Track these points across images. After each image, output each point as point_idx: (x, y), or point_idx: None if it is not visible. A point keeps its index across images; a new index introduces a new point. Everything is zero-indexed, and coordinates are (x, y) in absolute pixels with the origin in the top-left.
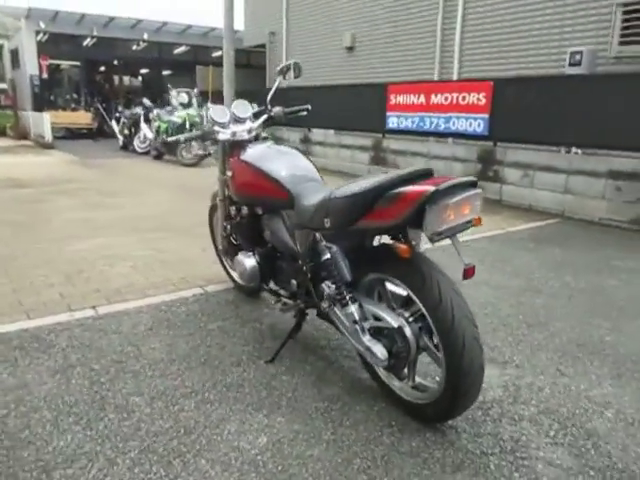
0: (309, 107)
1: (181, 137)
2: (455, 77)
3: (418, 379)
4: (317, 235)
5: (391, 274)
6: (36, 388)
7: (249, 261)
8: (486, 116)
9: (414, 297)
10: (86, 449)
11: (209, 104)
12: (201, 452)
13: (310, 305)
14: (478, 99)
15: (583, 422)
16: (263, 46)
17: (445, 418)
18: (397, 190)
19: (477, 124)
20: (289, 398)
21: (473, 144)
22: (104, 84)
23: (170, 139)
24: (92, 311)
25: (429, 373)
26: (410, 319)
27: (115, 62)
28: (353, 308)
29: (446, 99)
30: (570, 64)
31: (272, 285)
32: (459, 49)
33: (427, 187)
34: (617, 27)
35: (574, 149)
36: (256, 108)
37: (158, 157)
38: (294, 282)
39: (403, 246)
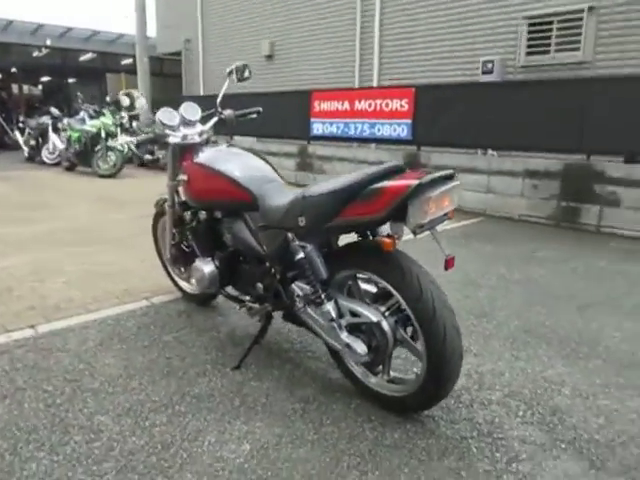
0: (260, 109)
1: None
2: (375, 84)
3: (393, 373)
4: (289, 235)
5: (368, 270)
6: None
7: (208, 267)
8: (409, 121)
9: (393, 291)
10: (56, 476)
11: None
12: (184, 466)
13: (279, 307)
14: (401, 105)
15: (545, 400)
16: (178, 54)
17: (425, 407)
18: (377, 185)
19: (401, 129)
20: (263, 403)
21: (397, 149)
22: (0, 93)
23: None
24: (31, 330)
25: (398, 367)
26: (386, 313)
27: (14, 69)
28: (329, 306)
29: (370, 105)
30: (483, 72)
31: (231, 290)
32: (378, 58)
33: (410, 181)
34: (523, 39)
35: (490, 151)
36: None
37: (70, 168)
38: (260, 285)
39: (387, 240)
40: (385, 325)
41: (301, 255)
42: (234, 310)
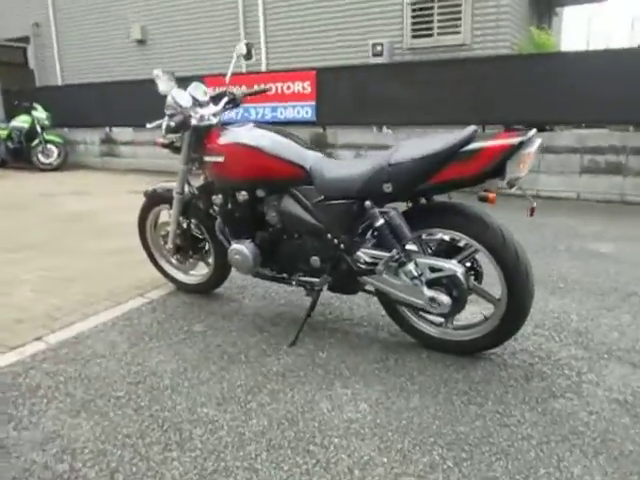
0: (270, 87)
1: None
2: (264, 68)
3: (455, 322)
4: (367, 203)
5: (450, 227)
6: (73, 433)
7: (249, 248)
8: (313, 103)
9: (475, 243)
10: (210, 468)
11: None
12: (323, 431)
13: (342, 277)
14: (303, 87)
15: (565, 327)
16: (26, 39)
17: (497, 345)
18: (474, 146)
19: (305, 111)
20: (345, 368)
21: (304, 130)
22: None
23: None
24: (40, 343)
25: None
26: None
27: None
28: (411, 266)
29: (270, 89)
30: (373, 54)
31: (265, 271)
32: (265, 43)
33: (511, 140)
34: (408, 23)
35: (385, 128)
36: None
37: (1, 165)
38: (316, 259)
39: (492, 194)
40: (462, 276)
41: (381, 221)
42: (240, 295)
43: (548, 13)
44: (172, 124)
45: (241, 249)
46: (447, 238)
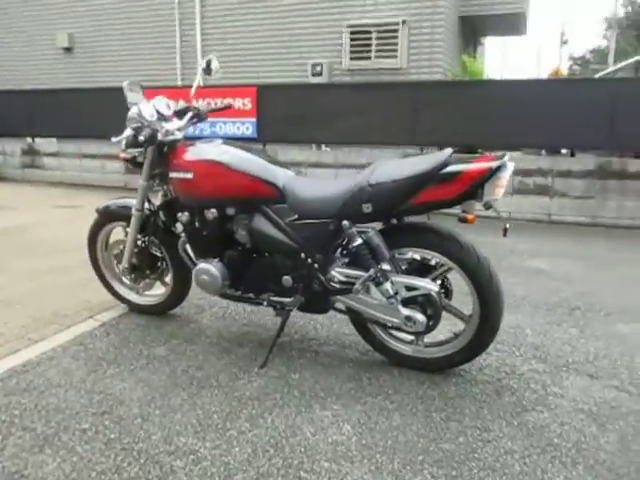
0: (231, 103)
1: (119, 138)
2: (201, 83)
3: (427, 340)
4: (345, 223)
5: (426, 247)
6: (39, 472)
7: (217, 267)
8: (254, 120)
9: (449, 262)
10: None
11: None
12: (312, 456)
13: (314, 297)
14: (244, 104)
15: (522, 340)
16: None
17: (470, 359)
18: (454, 169)
19: (246, 127)
20: (320, 389)
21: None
22: None
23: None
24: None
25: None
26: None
27: None
28: (388, 285)
29: (209, 104)
30: (312, 74)
31: (233, 291)
32: (202, 56)
33: (489, 164)
34: (347, 45)
35: (323, 146)
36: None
37: None
38: (287, 278)
39: (471, 216)
40: (437, 294)
41: (359, 241)
42: (199, 315)
43: (474, 42)
44: (142, 138)
45: (209, 269)
46: (418, 257)
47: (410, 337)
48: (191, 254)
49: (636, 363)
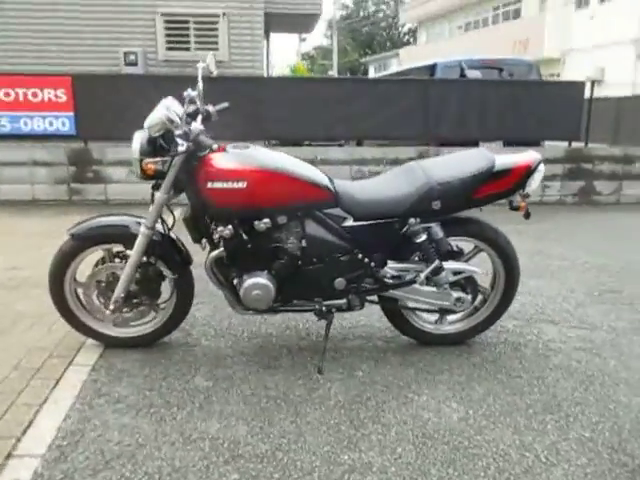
0: (227, 105)
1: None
2: None
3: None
4: (412, 220)
5: (471, 235)
6: None
7: (268, 279)
8: (70, 114)
9: (486, 247)
10: None
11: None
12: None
13: (367, 294)
14: (57, 95)
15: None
16: None
17: (489, 326)
18: (506, 165)
19: (61, 123)
20: (404, 385)
21: (56, 145)
22: None
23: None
24: None
25: None
26: None
27: None
28: (444, 273)
29: (7, 95)
30: (126, 63)
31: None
32: None
33: (531, 160)
34: (161, 34)
35: None
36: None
37: None
38: (341, 280)
39: (523, 204)
40: (478, 275)
41: (424, 237)
42: (191, 337)
43: (267, 38)
44: (190, 144)
45: (261, 282)
46: (453, 244)
47: (434, 317)
48: (218, 273)
49: None
